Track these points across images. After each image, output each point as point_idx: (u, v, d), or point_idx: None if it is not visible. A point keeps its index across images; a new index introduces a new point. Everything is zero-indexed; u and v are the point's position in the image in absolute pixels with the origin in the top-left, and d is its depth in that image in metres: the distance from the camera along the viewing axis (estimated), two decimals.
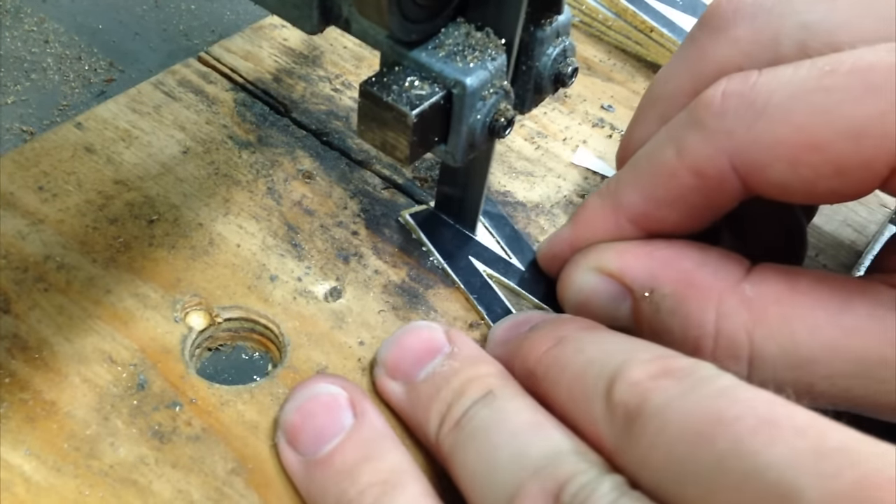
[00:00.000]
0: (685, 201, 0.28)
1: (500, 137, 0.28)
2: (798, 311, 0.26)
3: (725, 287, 0.27)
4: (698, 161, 0.27)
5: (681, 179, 0.27)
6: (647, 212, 0.29)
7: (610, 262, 0.29)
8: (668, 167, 0.28)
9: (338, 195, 0.35)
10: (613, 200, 0.30)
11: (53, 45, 0.41)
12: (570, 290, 0.30)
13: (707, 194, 0.27)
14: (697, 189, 0.27)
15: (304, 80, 0.40)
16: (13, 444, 0.25)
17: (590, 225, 0.31)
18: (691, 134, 0.27)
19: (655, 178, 0.28)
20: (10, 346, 0.28)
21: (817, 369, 0.26)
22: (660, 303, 0.28)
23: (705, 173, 0.27)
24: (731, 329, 0.27)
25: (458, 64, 0.26)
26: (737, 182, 0.26)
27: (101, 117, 0.36)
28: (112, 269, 0.30)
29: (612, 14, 0.46)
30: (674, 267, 0.28)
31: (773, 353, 0.26)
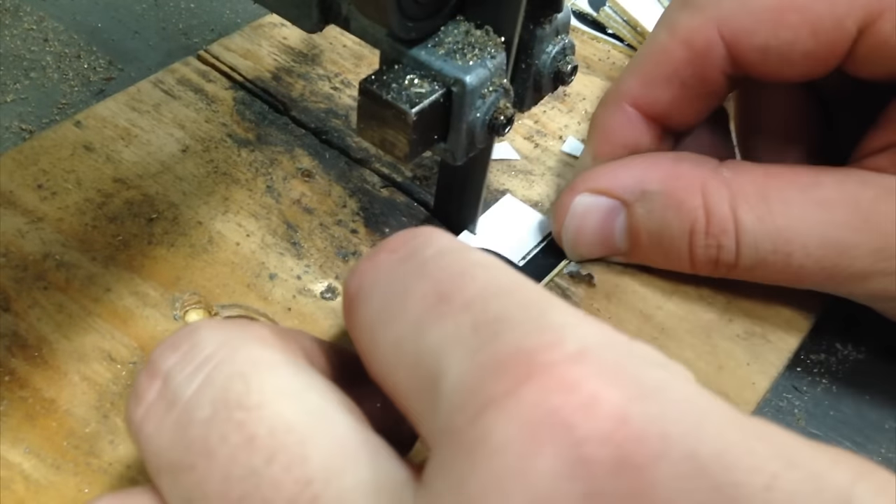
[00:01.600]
0: (678, 76, 0.30)
1: (499, 135, 0.28)
2: (772, 187, 0.29)
3: (706, 173, 0.30)
4: (688, 33, 0.30)
5: (672, 54, 0.30)
6: (646, 93, 0.31)
7: (599, 180, 0.32)
8: (661, 45, 0.31)
9: (337, 193, 0.35)
10: (616, 94, 0.32)
11: (53, 44, 0.41)
12: (567, 216, 0.32)
13: (697, 66, 0.30)
14: (687, 62, 0.30)
15: (303, 78, 0.40)
16: (13, 442, 0.25)
17: (601, 128, 0.33)
18: (682, 12, 0.30)
19: (650, 58, 0.31)
20: (10, 344, 0.28)
21: (792, 238, 0.28)
22: (652, 201, 0.30)
23: (694, 43, 0.30)
24: (716, 205, 0.29)
25: (458, 62, 0.26)
26: (723, 51, 0.29)
27: (101, 116, 0.36)
28: (111, 268, 0.30)
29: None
30: (657, 168, 0.31)
31: (754, 225, 0.29)
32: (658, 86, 0.31)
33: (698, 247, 0.30)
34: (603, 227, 0.32)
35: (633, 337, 0.17)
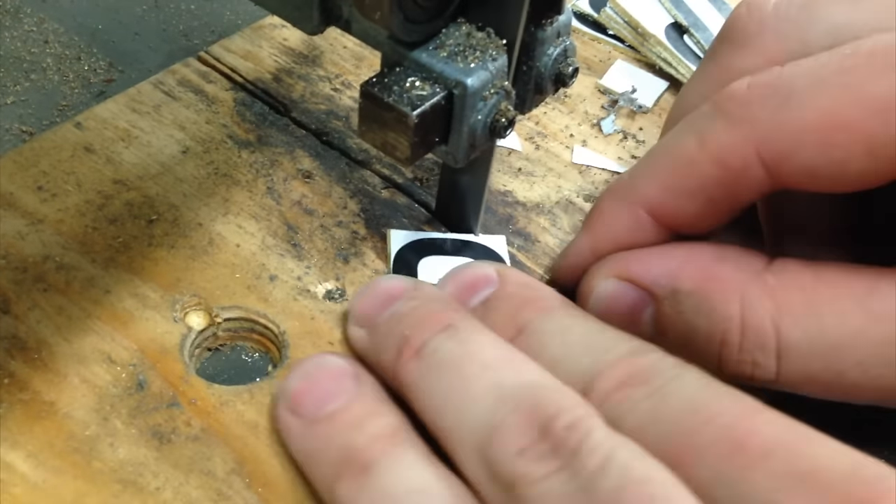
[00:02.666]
0: (705, 192, 0.27)
1: (500, 137, 0.28)
2: (824, 298, 0.26)
3: (748, 278, 0.27)
4: (722, 150, 0.26)
5: (702, 169, 0.27)
6: (665, 202, 0.28)
7: (628, 267, 0.29)
8: (688, 156, 0.27)
9: (338, 195, 0.35)
10: (629, 194, 0.29)
11: (53, 46, 0.41)
12: (589, 300, 0.30)
13: (729, 185, 0.27)
14: (719, 179, 0.27)
15: (303, 79, 0.40)
16: (12, 445, 0.25)
17: (606, 224, 0.30)
18: (715, 123, 0.27)
19: (674, 168, 0.28)
20: (10, 347, 0.28)
21: (846, 356, 0.25)
22: (683, 302, 0.28)
23: (728, 163, 0.26)
24: (756, 319, 0.26)
25: (459, 64, 0.26)
26: (761, 172, 0.26)
27: (101, 117, 0.36)
28: (111, 269, 0.30)
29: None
30: (693, 264, 0.28)
31: (800, 342, 0.26)
32: (681, 198, 0.28)
33: (730, 360, 0.27)
34: (631, 316, 0.29)
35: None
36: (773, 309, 0.26)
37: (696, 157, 0.27)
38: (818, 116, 0.25)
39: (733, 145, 0.26)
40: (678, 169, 0.28)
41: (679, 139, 0.28)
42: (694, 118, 0.28)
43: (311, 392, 0.26)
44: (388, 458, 0.23)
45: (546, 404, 0.22)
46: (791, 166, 0.26)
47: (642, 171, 0.29)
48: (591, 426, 0.21)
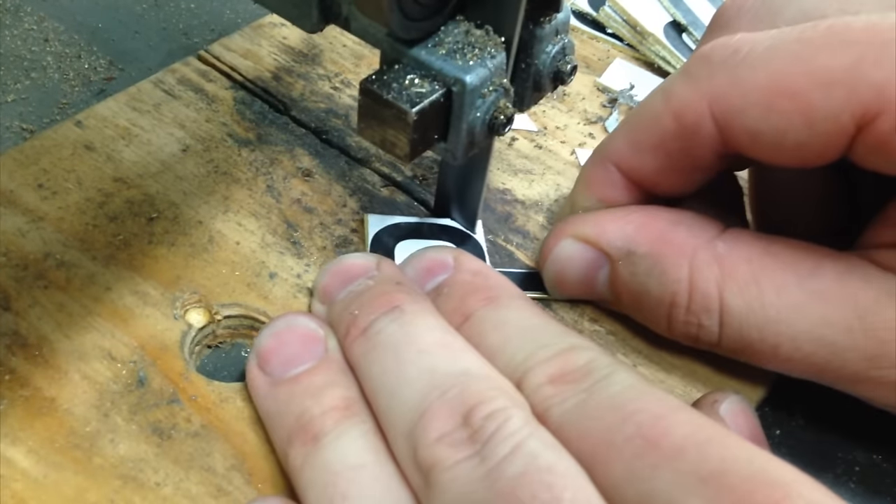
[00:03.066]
0: (664, 147, 0.29)
1: (499, 135, 0.28)
2: (767, 271, 0.27)
3: (699, 243, 0.28)
4: (679, 104, 0.28)
5: (662, 123, 0.28)
6: (630, 157, 0.30)
7: (586, 228, 0.30)
8: (653, 112, 0.29)
9: (337, 193, 0.35)
10: (603, 150, 0.31)
11: (53, 44, 0.41)
12: (548, 259, 0.31)
13: (684, 140, 0.28)
14: (675, 133, 0.28)
15: (303, 78, 0.40)
16: (13, 441, 0.25)
17: (583, 180, 0.32)
18: (678, 81, 0.28)
19: (640, 123, 0.29)
20: (10, 343, 0.28)
21: (782, 330, 0.26)
22: (637, 263, 0.29)
23: (684, 117, 0.28)
24: (703, 283, 0.27)
25: (458, 62, 0.26)
26: (713, 129, 0.27)
27: (101, 115, 0.36)
28: (112, 267, 0.30)
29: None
30: (649, 228, 0.29)
31: (741, 310, 0.27)
32: (644, 152, 0.29)
33: (677, 321, 0.28)
34: (586, 276, 0.30)
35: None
36: (719, 275, 0.27)
37: (660, 112, 0.28)
38: (766, 79, 0.25)
39: (689, 99, 0.27)
40: (643, 124, 0.29)
41: (650, 98, 0.29)
42: (667, 78, 0.29)
43: (278, 352, 0.27)
44: (335, 431, 0.24)
45: (471, 392, 0.22)
46: (737, 126, 0.26)
47: (616, 130, 0.31)
48: (510, 416, 0.21)
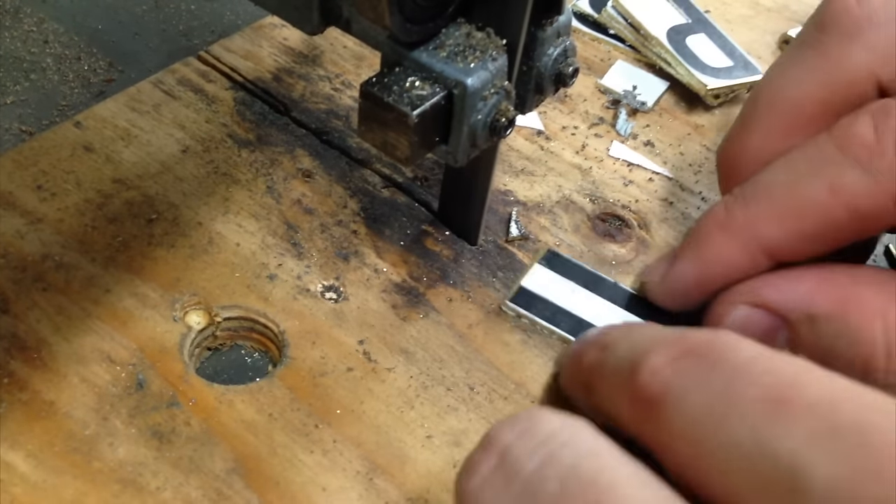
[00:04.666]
0: (835, 236, 0.28)
1: (501, 137, 0.28)
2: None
3: (888, 300, 0.27)
4: (858, 200, 0.26)
5: (834, 216, 0.27)
6: (789, 246, 0.28)
7: (760, 292, 0.29)
8: (818, 204, 0.27)
9: (337, 194, 0.35)
10: (746, 234, 0.29)
11: (53, 46, 0.41)
12: (721, 327, 0.29)
13: (860, 229, 0.27)
14: (851, 224, 0.27)
15: (303, 79, 0.40)
16: (12, 444, 0.25)
17: (719, 260, 0.30)
18: (848, 172, 0.27)
19: (803, 214, 0.28)
20: (9, 346, 0.28)
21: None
22: (821, 326, 0.27)
23: (865, 212, 0.27)
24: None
25: (459, 64, 0.26)
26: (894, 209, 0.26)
27: (101, 116, 0.36)
28: (111, 269, 0.30)
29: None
30: (829, 287, 0.28)
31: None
32: (806, 242, 0.28)
33: (875, 385, 0.26)
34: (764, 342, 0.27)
35: None
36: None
37: (829, 205, 0.27)
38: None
39: (870, 196, 0.26)
40: (807, 216, 0.28)
41: (805, 183, 0.28)
42: (818, 161, 0.28)
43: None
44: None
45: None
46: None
47: (763, 214, 0.29)
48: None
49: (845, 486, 0.17)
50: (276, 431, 0.27)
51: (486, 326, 0.31)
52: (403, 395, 0.29)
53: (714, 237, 0.30)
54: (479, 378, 0.30)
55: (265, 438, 0.27)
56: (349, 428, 0.28)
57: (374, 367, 0.29)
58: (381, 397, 0.29)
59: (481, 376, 0.30)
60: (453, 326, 0.31)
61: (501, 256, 0.34)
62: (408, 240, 0.34)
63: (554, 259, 0.34)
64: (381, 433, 0.28)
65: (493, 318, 0.32)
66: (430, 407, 0.29)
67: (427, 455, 0.27)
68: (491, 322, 0.32)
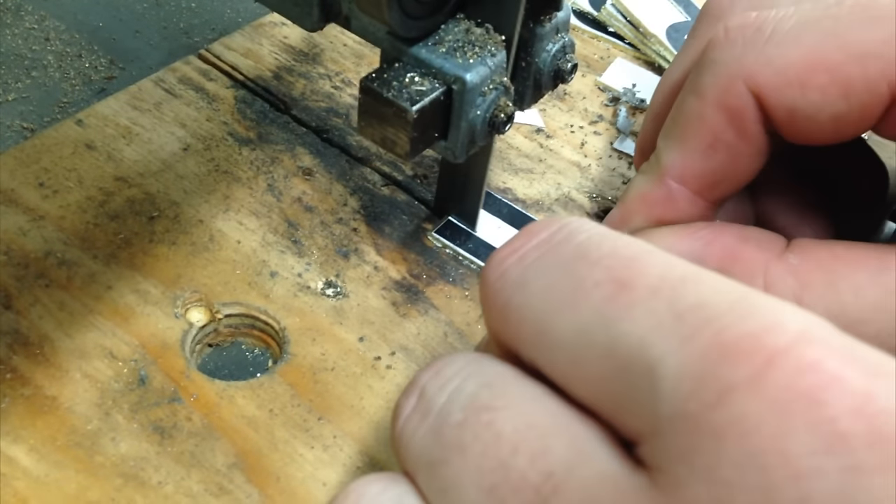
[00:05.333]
0: (721, 142, 0.28)
1: (499, 133, 0.28)
2: (841, 275, 0.27)
3: (770, 257, 0.28)
4: (719, 94, 0.28)
5: (709, 119, 0.28)
6: (690, 165, 0.29)
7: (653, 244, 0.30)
8: (693, 113, 0.28)
9: (338, 192, 0.35)
10: (656, 168, 0.30)
11: (54, 43, 0.41)
12: None
13: (736, 126, 0.28)
14: (726, 124, 0.28)
15: (304, 77, 0.40)
16: (14, 439, 0.25)
17: (639, 199, 0.31)
18: (705, 74, 0.28)
19: (686, 129, 0.29)
20: (12, 342, 0.28)
21: (865, 329, 0.26)
22: None
23: (728, 103, 0.27)
24: (779, 296, 0.27)
25: (458, 60, 0.26)
26: (756, 106, 0.27)
27: (102, 114, 0.36)
28: (113, 266, 0.30)
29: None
30: (717, 244, 0.29)
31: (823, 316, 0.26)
32: (703, 155, 0.29)
33: None
34: None
35: None
36: (795, 286, 0.27)
37: (700, 110, 0.28)
38: (801, 56, 0.26)
39: (726, 86, 0.27)
40: (690, 128, 0.29)
41: (681, 102, 0.29)
42: (688, 81, 0.29)
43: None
44: None
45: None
46: (773, 104, 0.27)
47: (662, 145, 0.30)
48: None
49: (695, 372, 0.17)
50: (277, 427, 0.27)
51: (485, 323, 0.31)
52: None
53: (634, 181, 0.31)
54: None
55: (266, 434, 0.27)
56: (349, 424, 0.28)
57: (374, 364, 0.29)
58: (380, 393, 0.29)
59: None
60: (452, 323, 0.31)
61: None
62: (408, 237, 0.34)
63: (487, 197, 0.35)
64: (381, 429, 0.28)
65: None
66: None
67: None
68: None
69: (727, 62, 0.27)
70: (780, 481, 0.16)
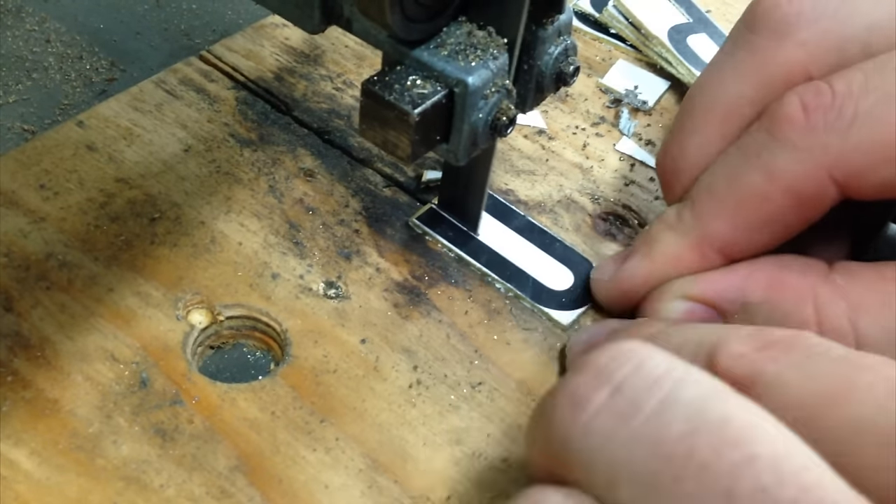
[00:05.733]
0: (779, 222, 0.28)
1: (501, 136, 0.28)
2: (892, 292, 0.26)
3: (816, 281, 0.27)
4: (794, 181, 0.27)
5: (775, 202, 0.27)
6: (738, 239, 0.29)
7: (694, 286, 0.29)
8: (758, 192, 0.28)
9: (339, 193, 0.35)
10: (696, 233, 0.29)
11: (55, 45, 0.41)
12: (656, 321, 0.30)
13: (804, 212, 0.27)
14: (793, 208, 0.27)
15: (305, 78, 0.40)
16: (16, 443, 0.25)
17: (671, 260, 0.30)
18: (779, 154, 0.27)
19: (745, 205, 0.28)
20: (13, 345, 0.28)
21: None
22: (754, 313, 0.28)
23: (802, 192, 0.27)
24: (832, 320, 0.27)
25: (460, 63, 0.26)
26: (834, 193, 0.27)
27: (103, 115, 0.36)
28: (114, 268, 0.30)
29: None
30: (758, 276, 0.28)
31: (878, 337, 0.26)
32: (754, 232, 0.28)
33: None
34: None
35: None
36: (847, 308, 0.27)
37: (767, 191, 0.27)
38: (890, 133, 0.25)
39: (805, 175, 0.27)
40: (749, 206, 0.28)
41: (742, 173, 0.28)
42: (751, 148, 0.28)
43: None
44: None
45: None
46: (866, 184, 0.26)
47: (708, 210, 0.29)
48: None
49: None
50: (279, 429, 0.27)
51: (487, 325, 0.31)
52: (405, 393, 0.29)
53: (664, 236, 0.30)
54: (481, 377, 0.30)
55: (268, 436, 0.27)
56: (351, 426, 0.28)
57: (376, 366, 0.29)
58: (382, 396, 0.29)
59: (483, 375, 0.30)
60: (455, 325, 0.31)
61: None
62: (409, 239, 0.34)
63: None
64: (383, 431, 0.28)
65: (494, 317, 0.32)
66: (432, 405, 0.29)
67: (429, 453, 0.27)
68: (492, 321, 0.32)
69: (808, 149, 0.26)
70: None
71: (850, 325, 0.26)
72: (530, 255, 0.34)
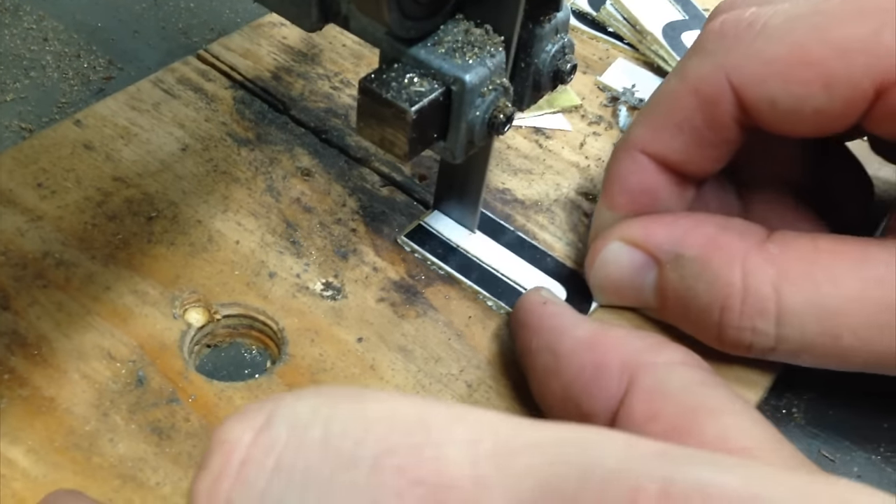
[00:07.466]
0: (688, 123, 0.29)
1: (499, 134, 0.28)
2: (821, 265, 0.27)
3: (750, 246, 0.28)
4: (697, 79, 0.28)
5: (682, 100, 0.29)
6: (656, 139, 0.30)
7: (634, 232, 0.30)
8: (671, 92, 0.29)
9: (336, 192, 0.35)
10: (627, 140, 0.31)
11: (52, 43, 0.41)
12: (595, 261, 0.31)
13: (706, 113, 0.28)
14: (697, 108, 0.29)
15: (303, 77, 0.40)
16: (12, 440, 0.25)
17: (612, 176, 0.32)
18: (692, 59, 0.29)
19: (659, 106, 0.30)
20: (10, 343, 0.28)
21: (842, 320, 0.27)
22: (685, 267, 0.29)
23: (703, 90, 0.28)
24: (758, 285, 0.27)
25: (458, 61, 0.26)
26: (733, 99, 0.28)
27: (100, 114, 0.36)
28: (111, 266, 0.30)
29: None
30: (698, 232, 0.29)
31: (800, 307, 0.27)
32: (668, 132, 0.29)
33: (729, 327, 0.28)
34: (632, 280, 0.30)
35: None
36: (774, 275, 0.27)
37: (678, 91, 0.29)
38: (786, 50, 0.26)
39: (707, 73, 0.28)
40: (662, 106, 0.30)
41: (665, 82, 0.30)
42: (679, 62, 0.30)
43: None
44: None
45: None
46: (756, 96, 0.27)
47: (636, 120, 0.31)
48: None
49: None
50: None
51: (483, 324, 0.31)
52: (401, 392, 0.29)
53: (609, 162, 0.32)
54: (477, 375, 0.30)
55: None
56: None
57: (373, 365, 0.29)
58: None
59: (479, 374, 0.30)
60: (451, 324, 0.31)
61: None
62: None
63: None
64: None
65: (490, 315, 0.32)
66: None
67: None
68: (489, 320, 0.32)
69: (714, 52, 0.28)
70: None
71: (774, 292, 0.27)
72: (522, 270, 0.33)
